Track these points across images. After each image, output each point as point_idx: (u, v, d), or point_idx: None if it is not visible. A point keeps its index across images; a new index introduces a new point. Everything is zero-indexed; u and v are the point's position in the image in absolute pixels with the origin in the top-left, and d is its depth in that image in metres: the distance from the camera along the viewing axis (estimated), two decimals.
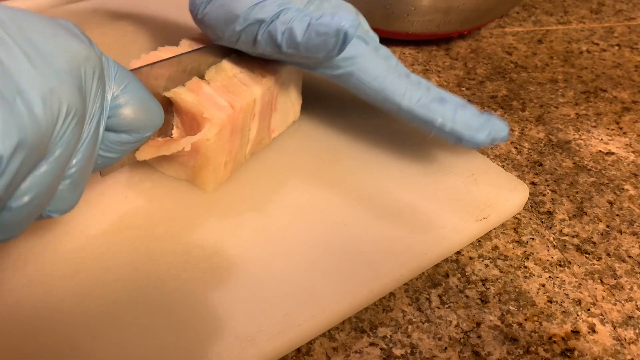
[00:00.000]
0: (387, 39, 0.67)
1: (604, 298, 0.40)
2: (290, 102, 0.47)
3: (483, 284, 0.40)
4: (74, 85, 0.26)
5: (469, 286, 0.40)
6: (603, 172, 0.51)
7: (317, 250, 0.39)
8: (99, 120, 0.29)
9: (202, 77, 0.42)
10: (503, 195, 0.44)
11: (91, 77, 0.28)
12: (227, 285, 0.37)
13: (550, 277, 0.41)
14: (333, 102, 0.53)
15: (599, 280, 0.41)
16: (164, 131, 0.41)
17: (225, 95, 0.40)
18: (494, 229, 0.44)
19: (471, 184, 0.45)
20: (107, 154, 0.32)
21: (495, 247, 0.43)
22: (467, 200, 0.44)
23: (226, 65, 0.42)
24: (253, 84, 0.42)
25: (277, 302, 0.36)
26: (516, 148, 0.54)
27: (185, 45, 0.43)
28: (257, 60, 0.43)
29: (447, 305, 0.39)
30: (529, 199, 0.47)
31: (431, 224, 0.42)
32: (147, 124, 0.32)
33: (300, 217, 0.42)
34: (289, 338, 0.35)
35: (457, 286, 0.40)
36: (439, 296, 0.39)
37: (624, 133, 0.56)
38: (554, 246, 0.44)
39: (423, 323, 0.38)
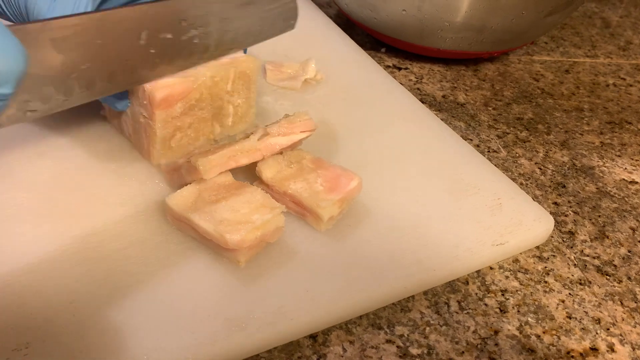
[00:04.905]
0: (418, 55, 0.68)
1: (623, 319, 0.40)
2: None
3: (502, 294, 0.40)
4: None
5: (488, 295, 0.40)
6: (626, 199, 0.51)
7: (323, 249, 0.39)
8: None
9: None
10: (526, 223, 0.43)
11: None
12: (228, 269, 0.37)
13: (570, 294, 0.41)
14: (363, 107, 0.54)
15: (619, 302, 0.41)
16: None
17: None
18: None
19: (495, 207, 0.44)
20: None
21: (516, 260, 0.43)
22: (487, 223, 0.43)
23: None
24: None
25: (274, 294, 0.36)
26: (540, 169, 0.53)
27: None
28: None
29: (465, 311, 0.39)
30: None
31: (445, 241, 0.41)
32: (3, 76, 0.26)
33: None
34: (279, 330, 0.34)
35: (476, 294, 0.40)
36: (458, 302, 0.39)
37: None
38: (575, 265, 0.44)
39: (441, 326, 0.37)
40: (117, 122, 0.44)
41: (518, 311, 0.39)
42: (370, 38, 0.72)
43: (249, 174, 0.42)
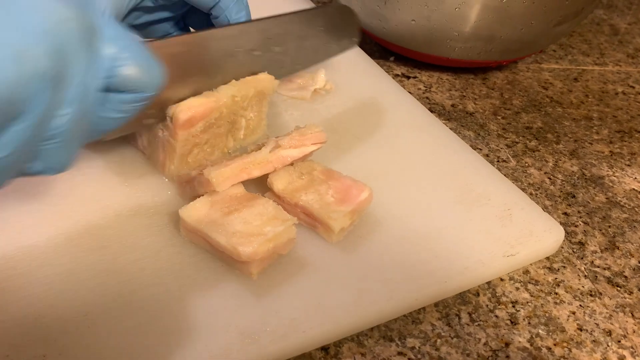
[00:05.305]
0: (427, 64, 0.68)
1: (634, 332, 0.40)
2: None
3: (513, 306, 0.40)
4: (50, 45, 0.26)
5: (499, 306, 0.40)
6: (636, 209, 0.51)
7: (335, 260, 0.40)
8: (88, 81, 0.28)
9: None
10: (536, 234, 0.43)
11: (74, 38, 0.27)
12: (240, 281, 0.37)
13: (580, 305, 0.41)
14: (372, 117, 0.54)
15: (630, 314, 0.41)
16: None
17: None
18: None
19: (505, 218, 0.45)
20: (109, 114, 0.31)
21: (527, 272, 0.43)
22: (498, 234, 0.43)
23: None
24: None
25: (286, 306, 0.36)
26: (550, 178, 0.54)
27: None
28: None
29: (476, 323, 0.39)
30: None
31: (456, 252, 0.41)
32: (148, 83, 0.31)
33: None
34: (292, 342, 0.35)
35: (487, 305, 0.40)
36: (469, 313, 0.39)
37: None
38: (585, 276, 0.44)
39: (452, 338, 0.37)
40: (130, 135, 0.45)
41: (529, 323, 0.39)
42: (379, 47, 0.72)
43: (260, 185, 0.43)
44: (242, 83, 0.43)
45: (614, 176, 0.55)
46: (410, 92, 0.60)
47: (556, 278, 0.43)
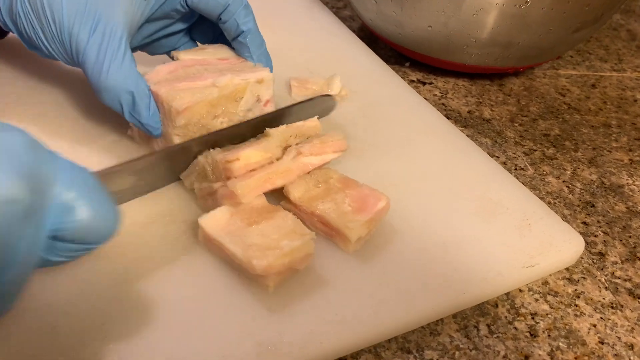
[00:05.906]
0: (442, 70, 0.68)
1: None
2: None
3: (532, 318, 0.40)
4: None
5: (518, 318, 0.39)
6: None
7: (352, 271, 0.39)
8: (31, 247, 0.26)
9: None
10: (556, 245, 0.43)
11: (16, 217, 0.24)
12: (258, 292, 0.37)
13: (601, 318, 0.40)
14: (388, 124, 0.54)
15: None
16: None
17: None
18: None
19: (524, 228, 0.44)
20: (53, 258, 0.29)
21: (546, 283, 0.42)
22: (517, 245, 0.43)
23: None
24: None
25: (303, 317, 0.36)
26: (568, 187, 0.53)
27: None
28: None
29: (495, 335, 0.38)
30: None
31: (475, 263, 0.41)
32: (99, 235, 0.29)
33: None
34: (309, 354, 0.34)
35: (505, 317, 0.39)
36: (488, 325, 0.39)
37: None
38: (606, 288, 0.43)
39: (470, 350, 0.37)
40: (146, 141, 0.45)
41: (549, 335, 0.39)
42: (394, 52, 0.71)
43: (276, 193, 0.42)
44: (290, 129, 0.43)
45: (634, 185, 0.54)
46: (426, 99, 0.60)
47: (576, 289, 0.42)
